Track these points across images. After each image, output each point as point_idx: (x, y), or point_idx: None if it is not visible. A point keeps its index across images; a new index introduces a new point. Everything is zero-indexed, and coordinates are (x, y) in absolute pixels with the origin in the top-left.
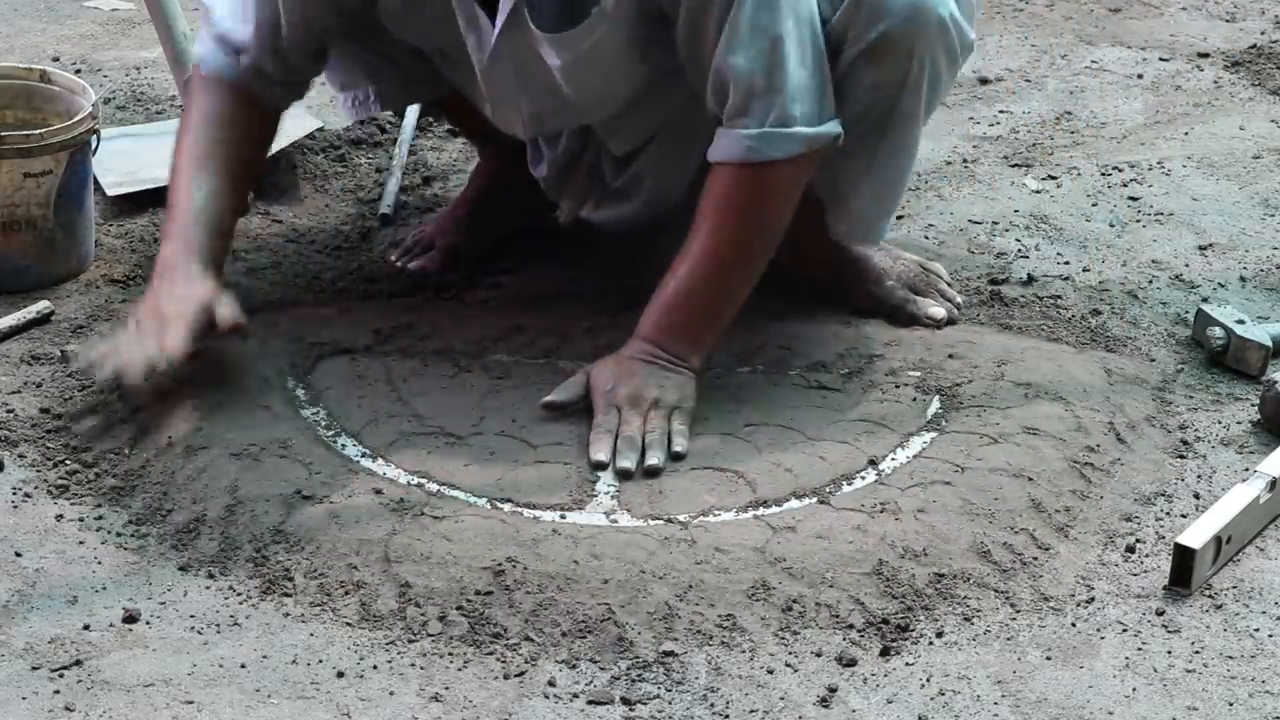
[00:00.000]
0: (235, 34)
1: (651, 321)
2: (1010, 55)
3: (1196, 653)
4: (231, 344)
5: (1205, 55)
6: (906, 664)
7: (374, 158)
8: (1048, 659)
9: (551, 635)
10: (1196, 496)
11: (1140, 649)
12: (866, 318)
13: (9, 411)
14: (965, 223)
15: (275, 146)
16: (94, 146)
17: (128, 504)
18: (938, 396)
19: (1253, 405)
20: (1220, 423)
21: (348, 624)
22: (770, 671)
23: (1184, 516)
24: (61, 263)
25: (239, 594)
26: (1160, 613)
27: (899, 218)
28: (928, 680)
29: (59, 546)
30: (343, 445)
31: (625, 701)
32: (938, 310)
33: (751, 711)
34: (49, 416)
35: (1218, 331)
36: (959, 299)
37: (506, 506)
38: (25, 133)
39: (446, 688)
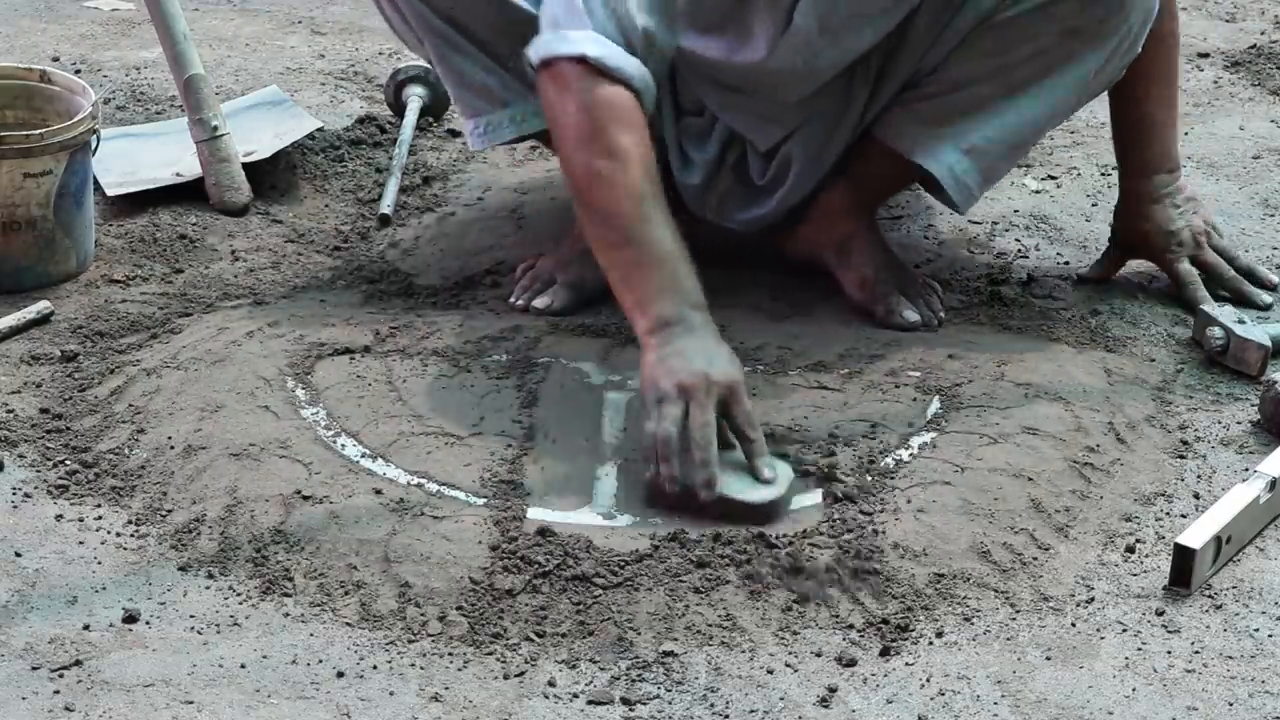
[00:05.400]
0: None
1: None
2: None
3: (1196, 653)
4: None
5: (1205, 55)
6: (906, 664)
7: (374, 158)
8: (1048, 659)
9: (551, 635)
10: (1196, 496)
11: (1140, 649)
12: (862, 315)
13: (9, 411)
14: (965, 223)
15: (274, 147)
16: (94, 146)
17: (128, 504)
18: (938, 396)
19: (1252, 405)
20: (1220, 423)
21: (348, 624)
22: (770, 671)
23: (1184, 516)
24: (61, 263)
25: (239, 594)
26: (1160, 613)
27: (897, 218)
28: (928, 680)
29: (59, 546)
30: (343, 445)
31: (625, 701)
32: (911, 314)
33: (751, 711)
34: (49, 416)
35: (1217, 332)
36: (942, 314)
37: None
38: (25, 133)
39: (446, 688)
